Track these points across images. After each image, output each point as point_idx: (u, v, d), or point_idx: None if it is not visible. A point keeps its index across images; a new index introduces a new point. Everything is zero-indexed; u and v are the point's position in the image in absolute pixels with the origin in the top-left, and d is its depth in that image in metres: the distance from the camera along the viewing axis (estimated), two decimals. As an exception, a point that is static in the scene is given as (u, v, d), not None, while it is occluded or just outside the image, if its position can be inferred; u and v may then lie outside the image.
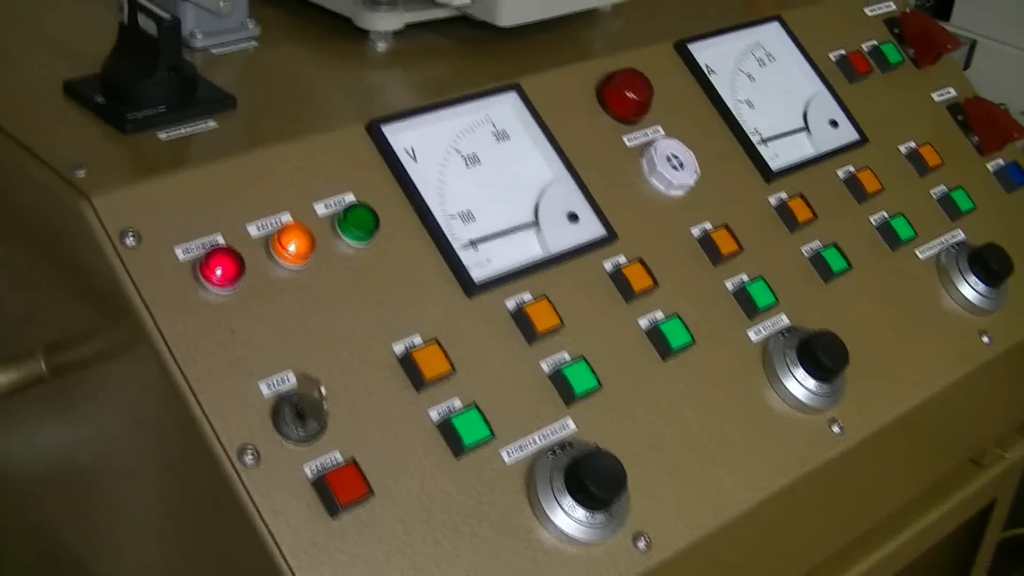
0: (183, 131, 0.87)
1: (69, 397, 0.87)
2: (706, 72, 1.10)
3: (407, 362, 0.82)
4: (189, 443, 0.76)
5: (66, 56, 0.95)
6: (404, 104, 0.94)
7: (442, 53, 1.04)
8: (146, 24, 0.87)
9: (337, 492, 0.76)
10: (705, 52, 1.11)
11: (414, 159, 0.91)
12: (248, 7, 1.01)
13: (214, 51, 0.99)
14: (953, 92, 1.26)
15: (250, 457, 0.75)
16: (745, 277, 1.00)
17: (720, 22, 1.14)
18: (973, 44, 2.50)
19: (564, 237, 0.93)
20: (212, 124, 0.88)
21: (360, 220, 0.85)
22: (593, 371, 0.88)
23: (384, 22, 1.01)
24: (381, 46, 1.03)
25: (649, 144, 1.01)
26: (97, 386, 0.84)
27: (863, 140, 1.15)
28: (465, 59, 1.03)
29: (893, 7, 1.28)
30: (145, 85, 0.87)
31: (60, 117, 0.88)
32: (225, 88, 0.92)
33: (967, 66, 2.66)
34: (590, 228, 0.95)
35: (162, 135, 0.86)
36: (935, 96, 1.24)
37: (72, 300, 0.83)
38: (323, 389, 0.76)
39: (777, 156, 1.09)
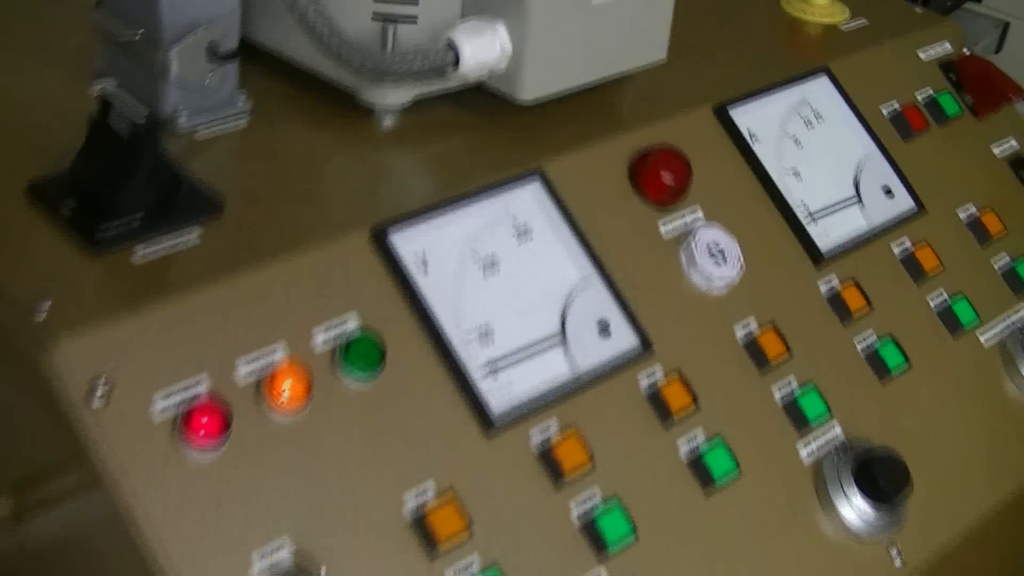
0: (162, 247, 0.76)
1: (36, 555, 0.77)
2: (748, 139, 0.99)
3: (420, 521, 0.72)
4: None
5: (36, 146, 0.84)
6: (414, 199, 0.83)
7: (456, 128, 0.92)
8: (119, 123, 0.76)
9: None
10: (747, 115, 1.00)
11: (425, 270, 0.80)
12: (238, 79, 0.89)
13: (200, 133, 0.87)
14: (1015, 144, 1.14)
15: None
16: (794, 384, 0.90)
17: (762, 78, 1.02)
18: (1006, 26, 2.40)
19: (594, 352, 0.83)
20: (195, 236, 0.77)
21: (365, 354, 0.75)
22: (628, 515, 0.78)
23: (391, 96, 0.90)
24: (388, 121, 0.91)
25: (688, 233, 0.91)
26: (67, 555, 0.74)
27: (920, 209, 1.04)
28: (481, 135, 0.92)
29: (948, 48, 1.16)
30: (117, 194, 0.76)
31: (23, 229, 0.77)
32: (212, 180, 0.82)
33: (999, 49, 2.55)
34: (623, 339, 0.84)
35: (138, 253, 0.75)
36: (996, 150, 1.13)
37: (39, 457, 0.73)
38: (324, 572, 0.66)
39: (827, 234, 0.98)
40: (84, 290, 0.72)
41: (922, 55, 1.14)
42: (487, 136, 0.92)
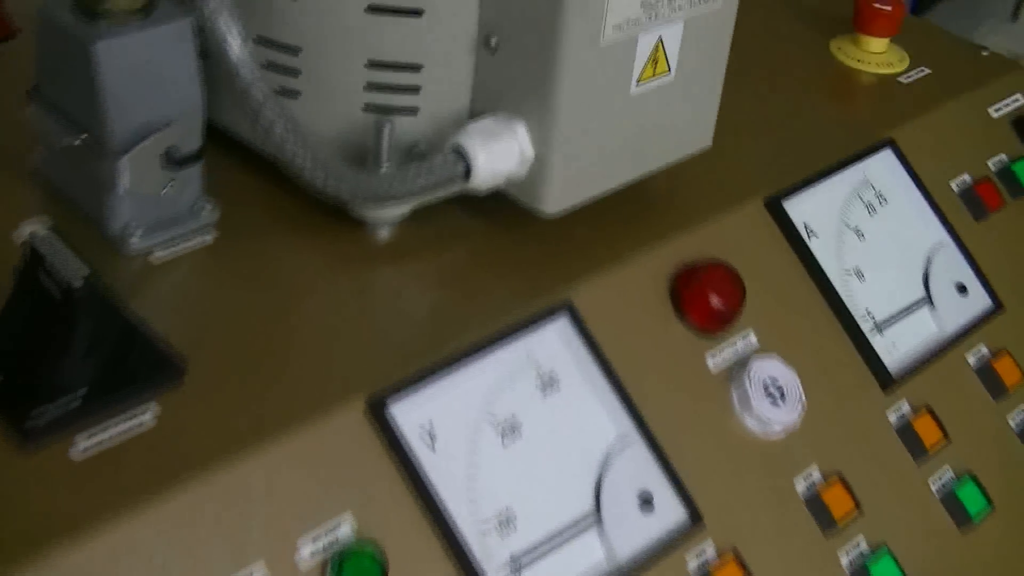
0: (109, 435, 0.61)
1: None
2: (805, 236, 0.84)
3: None
4: None
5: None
6: (416, 352, 0.68)
7: (465, 242, 0.77)
8: (50, 282, 0.61)
9: None
10: (802, 207, 0.85)
11: (432, 446, 0.66)
12: (202, 182, 0.74)
13: (157, 255, 0.72)
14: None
15: None
16: (865, 547, 0.76)
17: (817, 158, 0.88)
18: None
19: (637, 533, 0.69)
20: (151, 415, 0.63)
21: (361, 571, 0.60)
22: None
23: (387, 210, 0.75)
24: (384, 234, 0.76)
25: (741, 366, 0.76)
26: None
27: (998, 307, 0.90)
28: (495, 254, 0.76)
29: (1021, 101, 1.01)
30: (52, 370, 0.61)
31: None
32: (170, 325, 0.67)
33: (1015, 17, 2.43)
34: (669, 513, 0.70)
35: (79, 445, 0.60)
36: (1074, 223, 0.99)
37: None
38: None
39: (895, 347, 0.84)
40: (10, 508, 0.58)
41: (993, 112, 0.99)
42: (503, 256, 0.76)
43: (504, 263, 0.76)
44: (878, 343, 0.83)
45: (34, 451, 0.60)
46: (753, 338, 0.78)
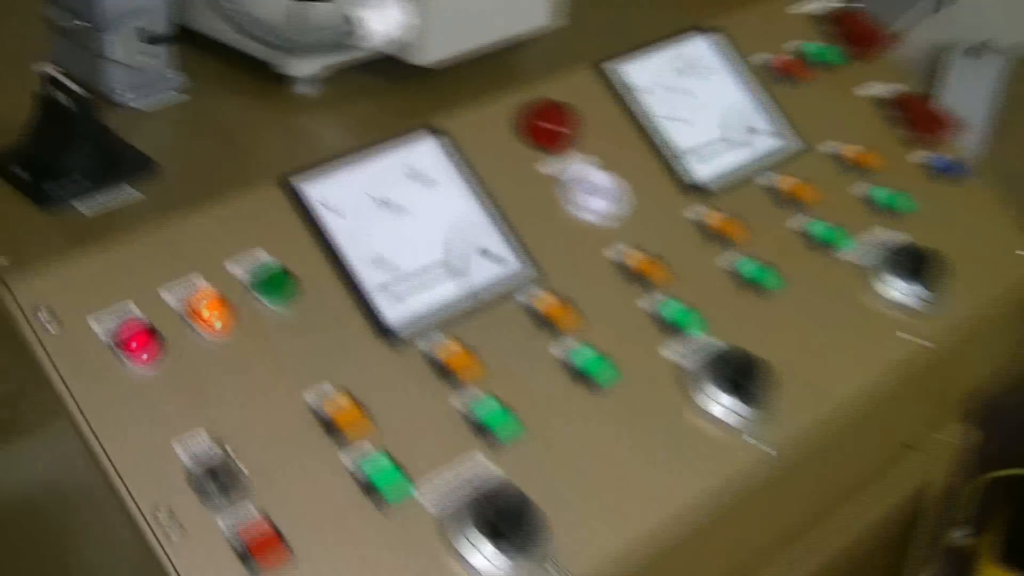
0: (101, 202, 0.90)
1: None
2: (629, 91, 1.12)
3: (323, 416, 0.86)
4: (106, 506, 0.80)
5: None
6: (322, 154, 0.96)
7: (367, 94, 1.06)
8: (62, 97, 0.90)
9: (256, 554, 0.80)
10: (627, 71, 1.13)
11: (330, 210, 0.94)
12: (170, 59, 1.03)
13: (137, 106, 1.01)
14: (886, 88, 1.27)
15: (166, 518, 0.79)
16: (663, 298, 1.03)
17: (642, 36, 1.16)
18: None
19: (482, 275, 0.97)
20: (132, 192, 0.91)
21: (277, 284, 0.88)
22: (514, 413, 0.92)
23: (302, 67, 1.03)
24: (307, 90, 1.05)
25: (568, 171, 1.04)
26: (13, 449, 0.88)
27: (791, 146, 1.17)
28: (389, 99, 1.05)
29: (823, 3, 1.29)
30: (61, 158, 0.90)
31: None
32: (149, 145, 0.95)
33: (938, 7, 2.60)
34: (508, 265, 0.98)
35: (82, 208, 0.89)
36: (865, 92, 1.26)
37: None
38: (230, 449, 0.80)
39: (700, 169, 1.12)
40: (31, 240, 0.87)
41: (795, 10, 1.27)
42: (394, 99, 1.05)
43: (394, 107, 1.04)
44: (686, 165, 1.11)
45: (50, 210, 0.89)
46: (581, 156, 1.06)
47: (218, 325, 0.85)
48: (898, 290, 1.15)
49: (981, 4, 2.51)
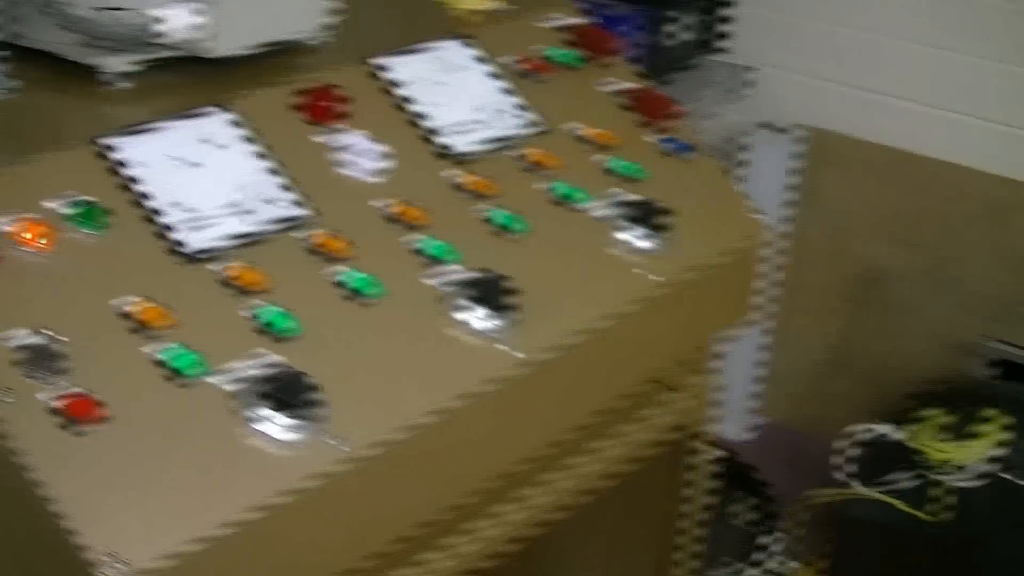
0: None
1: None
2: (393, 83, 1.35)
3: (130, 316, 1.05)
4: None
5: None
6: (127, 125, 1.17)
7: (172, 87, 1.27)
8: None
9: (75, 414, 0.98)
10: (391, 67, 1.36)
11: (134, 164, 1.14)
12: (2, 65, 1.24)
13: (-25, 104, 1.22)
14: (621, 84, 1.52)
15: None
16: (423, 237, 1.24)
17: (406, 42, 1.40)
18: (753, 72, 2.74)
19: (266, 215, 1.17)
20: (-32, 151, 1.11)
21: (91, 215, 1.08)
22: (295, 316, 1.12)
23: (112, 63, 1.25)
24: (118, 85, 1.26)
25: (341, 139, 1.26)
26: None
27: (537, 126, 1.41)
28: (190, 90, 1.26)
29: (567, 20, 1.54)
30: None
31: None
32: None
33: (745, 94, 2.83)
34: (288, 207, 1.19)
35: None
36: (603, 88, 1.51)
37: None
38: (56, 335, 0.99)
39: (455, 140, 1.34)
40: None
41: (540, 23, 1.52)
42: (195, 90, 1.26)
43: (195, 95, 1.25)
44: (440, 139, 1.34)
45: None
46: (352, 129, 1.28)
47: (43, 241, 1.05)
48: (634, 236, 1.38)
49: (776, 90, 2.77)
